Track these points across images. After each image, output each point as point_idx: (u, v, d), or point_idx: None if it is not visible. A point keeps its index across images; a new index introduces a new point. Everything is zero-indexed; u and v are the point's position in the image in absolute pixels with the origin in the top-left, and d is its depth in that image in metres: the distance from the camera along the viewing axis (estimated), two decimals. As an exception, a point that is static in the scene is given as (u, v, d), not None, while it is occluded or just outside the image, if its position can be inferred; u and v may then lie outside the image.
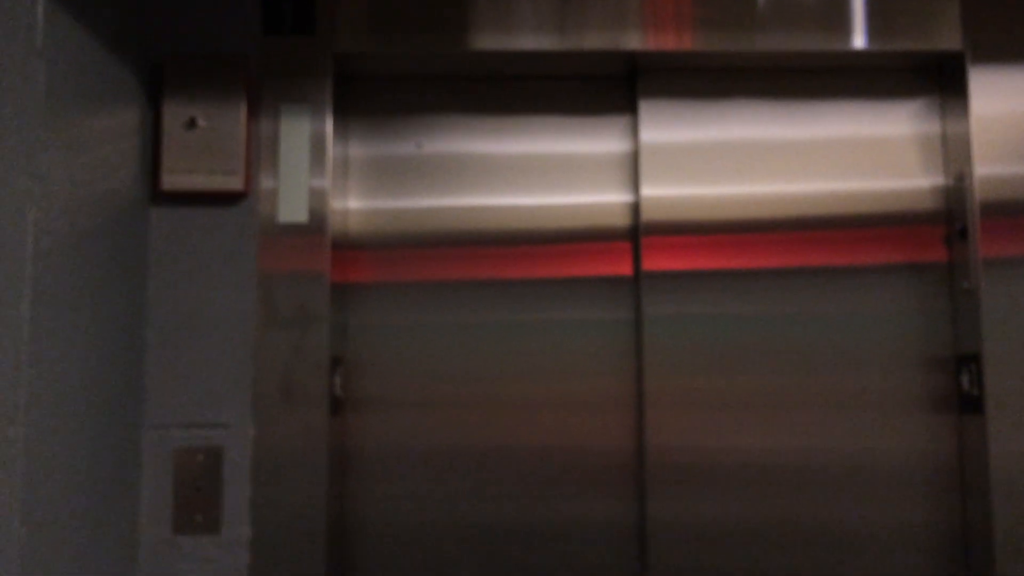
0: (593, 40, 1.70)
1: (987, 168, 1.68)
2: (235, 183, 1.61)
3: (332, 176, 1.66)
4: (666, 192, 1.76)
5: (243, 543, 1.56)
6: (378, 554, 1.71)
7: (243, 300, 1.62)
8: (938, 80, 1.80)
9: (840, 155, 1.78)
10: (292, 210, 1.64)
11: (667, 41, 1.70)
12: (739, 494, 1.71)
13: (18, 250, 1.15)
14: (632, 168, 1.79)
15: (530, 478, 1.72)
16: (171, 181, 1.60)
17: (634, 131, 1.79)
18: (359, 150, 1.79)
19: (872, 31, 1.71)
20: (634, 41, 1.70)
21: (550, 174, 1.79)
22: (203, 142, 1.60)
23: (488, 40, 1.70)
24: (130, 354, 1.53)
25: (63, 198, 1.27)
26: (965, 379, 1.70)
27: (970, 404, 1.69)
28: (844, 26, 1.71)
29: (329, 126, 1.66)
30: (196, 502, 1.56)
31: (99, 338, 1.39)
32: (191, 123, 1.60)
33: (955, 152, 1.74)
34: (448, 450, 1.73)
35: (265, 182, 1.64)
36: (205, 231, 1.63)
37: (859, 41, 1.71)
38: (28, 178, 1.17)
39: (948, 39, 1.70)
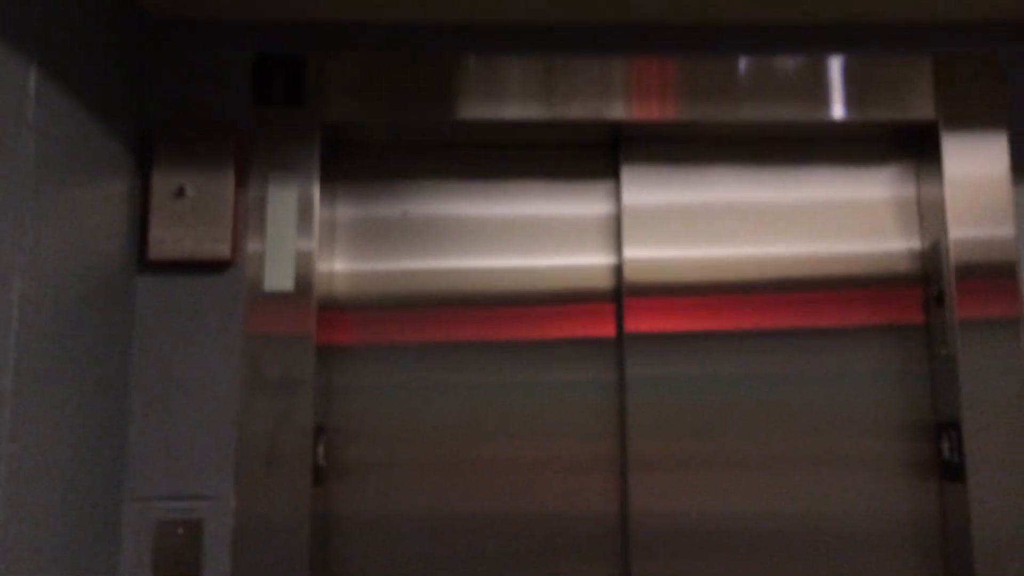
0: (578, 110, 1.73)
1: (961, 231, 1.71)
2: (222, 251, 1.61)
3: (319, 239, 1.67)
4: (648, 254, 1.78)
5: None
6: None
7: (228, 368, 1.61)
8: (913, 147, 1.84)
9: (819, 219, 1.81)
10: (279, 278, 1.64)
11: (650, 111, 1.73)
12: (722, 557, 1.70)
13: (2, 322, 1.14)
14: (615, 231, 1.81)
15: (514, 541, 1.71)
16: (159, 250, 1.60)
17: (617, 195, 1.81)
18: (346, 213, 1.80)
19: (849, 102, 1.75)
20: (618, 111, 1.73)
21: (535, 237, 1.80)
22: (191, 210, 1.61)
23: (475, 109, 1.72)
24: (113, 424, 1.51)
25: (50, 269, 1.27)
26: (946, 446, 1.72)
27: (951, 471, 1.70)
28: (823, 97, 1.75)
29: (316, 191, 1.67)
30: (176, 575, 1.54)
31: (82, 409, 1.38)
32: (180, 192, 1.60)
33: (930, 216, 1.78)
34: (432, 515, 1.71)
35: (253, 247, 1.65)
36: (192, 299, 1.63)
37: (837, 111, 1.75)
38: (15, 250, 1.17)
39: (922, 109, 1.75)
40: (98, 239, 1.44)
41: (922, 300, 1.79)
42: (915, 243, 1.81)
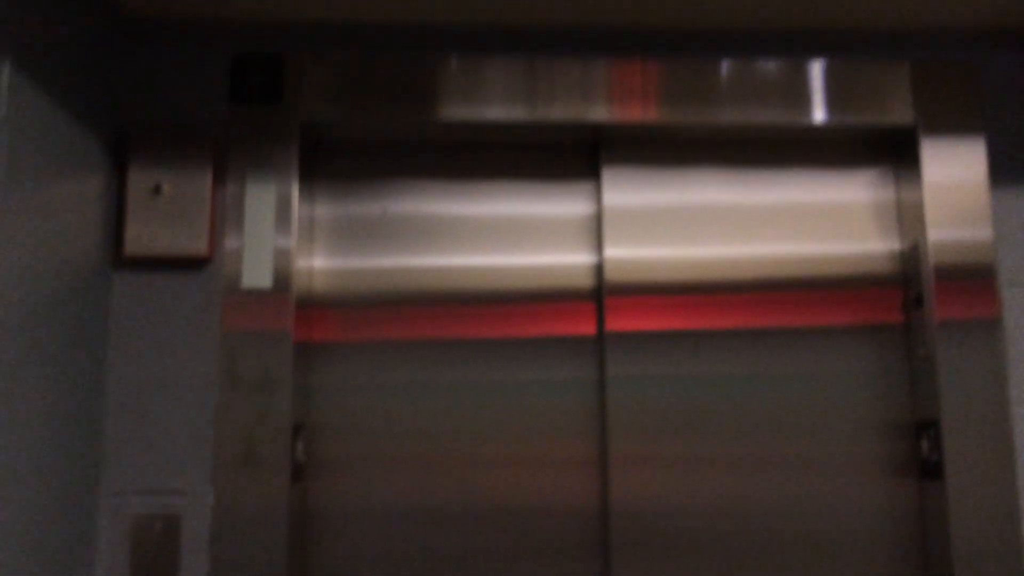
0: (559, 112, 1.73)
1: (940, 234, 1.72)
2: (199, 248, 1.60)
3: (297, 237, 1.66)
4: (629, 254, 1.78)
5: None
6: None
7: (205, 364, 1.60)
8: (892, 151, 1.86)
9: (799, 221, 1.82)
10: (256, 274, 1.63)
11: (631, 113, 1.74)
12: (703, 556, 1.70)
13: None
14: (596, 231, 1.81)
15: (495, 538, 1.71)
16: (135, 247, 1.59)
17: (597, 195, 1.82)
18: (325, 211, 1.79)
19: (829, 106, 1.76)
20: (599, 113, 1.73)
21: (515, 236, 1.80)
22: (168, 208, 1.60)
23: (456, 110, 1.72)
24: (88, 420, 1.50)
25: (22, 266, 1.26)
26: (925, 444, 1.73)
27: (930, 469, 1.71)
28: (803, 101, 1.76)
29: (295, 189, 1.66)
30: (153, 571, 1.52)
31: (58, 404, 1.37)
32: (156, 189, 1.59)
33: (909, 218, 1.79)
34: (411, 512, 1.71)
35: (230, 245, 1.64)
36: (168, 296, 1.62)
37: (818, 115, 1.76)
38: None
39: (901, 113, 1.76)
40: (72, 235, 1.43)
41: (901, 301, 1.80)
42: (894, 245, 1.82)
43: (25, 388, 1.26)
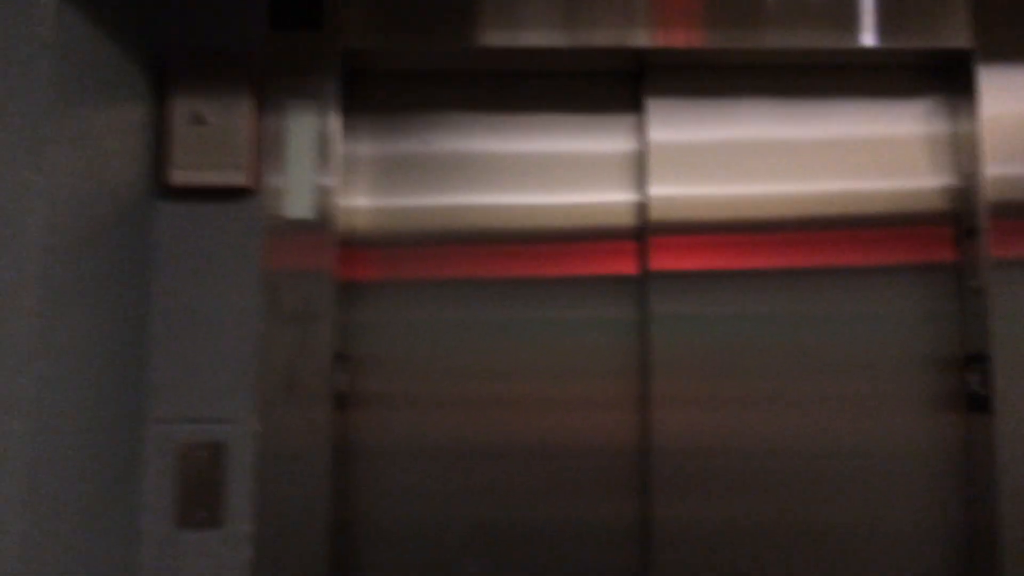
0: (601, 37, 1.70)
1: (996, 168, 1.67)
2: (241, 178, 1.61)
3: (338, 174, 1.66)
4: (673, 192, 1.75)
5: (246, 538, 1.56)
6: (381, 550, 1.71)
7: (248, 295, 1.62)
8: (947, 79, 1.79)
9: (848, 155, 1.77)
10: (299, 206, 1.64)
11: (675, 38, 1.70)
12: (745, 494, 1.70)
13: (24, 244, 1.15)
14: (639, 167, 1.78)
15: (535, 476, 1.72)
16: (178, 176, 1.60)
17: (641, 130, 1.78)
18: (366, 148, 1.78)
19: (881, 28, 1.70)
20: (642, 38, 1.69)
21: (557, 173, 1.78)
22: (210, 137, 1.60)
23: (496, 36, 1.70)
24: (135, 348, 1.53)
25: (69, 192, 1.27)
26: (973, 378, 1.69)
27: (977, 403, 1.68)
28: (853, 23, 1.70)
29: (336, 123, 1.66)
30: (199, 497, 1.56)
31: (104, 331, 1.39)
32: (198, 119, 1.60)
33: (964, 152, 1.73)
34: (451, 447, 1.72)
35: (271, 178, 1.64)
36: (211, 226, 1.63)
37: (868, 38, 1.70)
38: (34, 172, 1.17)
39: (957, 37, 1.70)
40: (117, 163, 1.44)
41: (952, 237, 1.75)
42: (948, 180, 1.76)
43: (73, 315, 1.29)
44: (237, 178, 1.60)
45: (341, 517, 1.68)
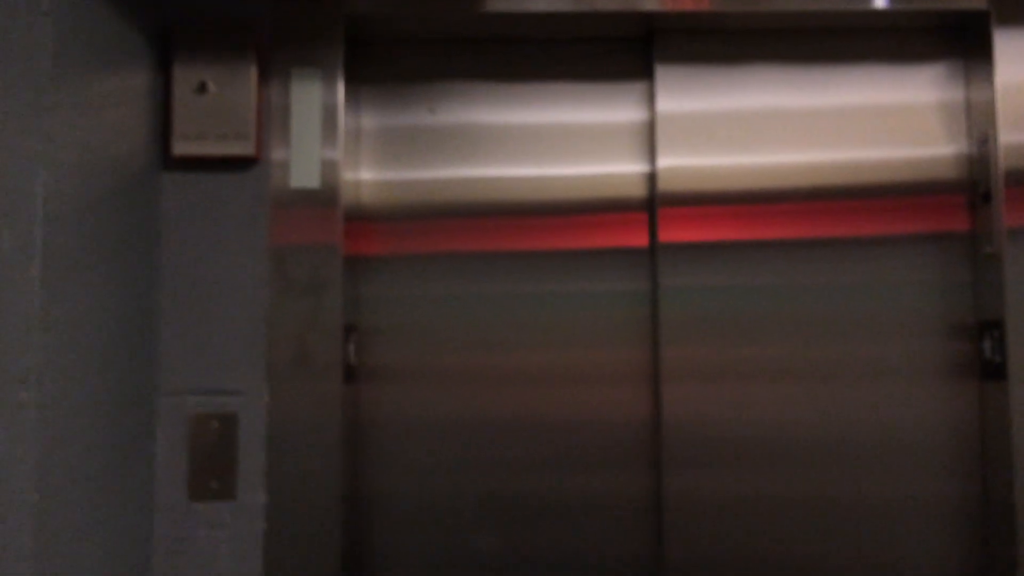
0: (608, 1, 1.67)
1: (1012, 135, 1.64)
2: (246, 148, 1.59)
3: (344, 146, 1.64)
4: (683, 162, 1.73)
5: (258, 510, 1.56)
6: (392, 522, 1.71)
7: (255, 266, 1.60)
8: (962, 42, 1.76)
9: (861, 122, 1.75)
10: (304, 176, 1.62)
11: (685, 1, 1.67)
12: (756, 466, 1.69)
13: (28, 213, 1.14)
14: (648, 137, 1.76)
15: (545, 450, 1.71)
16: (182, 146, 1.58)
17: (650, 98, 1.76)
18: (371, 120, 1.77)
19: (894, -10, 1.67)
20: (651, 1, 1.67)
21: (564, 143, 1.76)
22: (214, 107, 1.59)
23: (501, 1, 1.67)
24: (144, 320, 1.52)
25: (73, 161, 1.26)
26: (987, 346, 1.68)
27: (992, 371, 1.66)
28: (865, -15, 1.67)
29: (340, 92, 1.64)
30: (211, 469, 1.56)
31: (112, 303, 1.38)
32: (201, 88, 1.58)
33: (979, 118, 1.71)
34: (461, 420, 1.72)
35: (276, 148, 1.63)
36: (217, 197, 1.61)
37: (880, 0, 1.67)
38: (37, 139, 1.16)
39: (972, -2, 1.67)
40: (120, 133, 1.43)
41: (966, 204, 1.73)
42: (962, 148, 1.74)
43: (79, 286, 1.28)
44: (242, 148, 1.59)
45: (352, 488, 1.69)
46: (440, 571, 1.70)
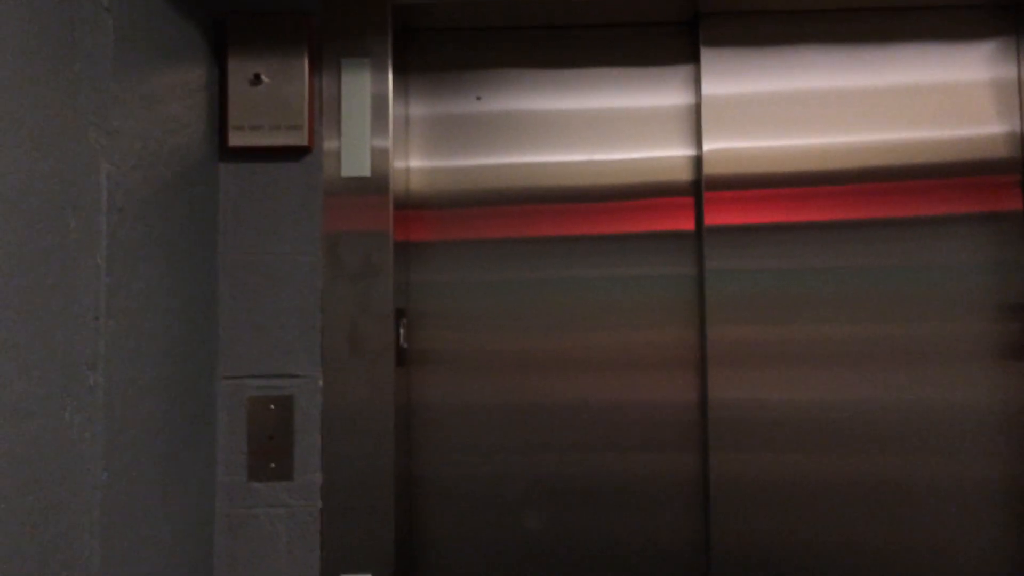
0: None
1: (1066, 112, 1.61)
2: (299, 138, 1.62)
3: (393, 134, 1.66)
4: (729, 145, 1.73)
5: (315, 489, 1.60)
6: (442, 502, 1.74)
7: (310, 253, 1.64)
8: (1014, 19, 1.73)
9: (911, 102, 1.72)
10: (355, 164, 1.65)
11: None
12: (805, 448, 1.69)
13: (93, 203, 1.18)
14: (694, 121, 1.76)
15: (593, 431, 1.73)
16: (238, 137, 1.62)
17: (696, 82, 1.76)
18: (419, 108, 1.79)
19: (946, -33, 1.65)
20: (696, -19, 1.67)
21: (611, 129, 1.77)
22: (267, 98, 1.62)
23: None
24: (204, 306, 1.56)
25: (135, 153, 1.29)
26: (1044, 327, 1.65)
27: (1049, 352, 1.64)
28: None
29: (390, 82, 1.66)
30: (269, 450, 1.60)
31: (173, 290, 1.42)
32: (256, 79, 1.61)
33: (1033, 96, 1.68)
34: (509, 403, 1.74)
35: (328, 138, 1.65)
36: (272, 186, 1.65)
37: (931, -24, 1.65)
38: (100, 132, 1.20)
39: (1026, -27, 1.64)
40: (180, 125, 1.46)
41: (1020, 183, 1.70)
42: (1015, 126, 1.71)
43: (144, 274, 1.32)
44: (295, 138, 1.62)
45: (406, 469, 1.72)
46: (489, 549, 1.73)
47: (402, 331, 1.71)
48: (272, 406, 1.60)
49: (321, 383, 1.62)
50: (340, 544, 1.60)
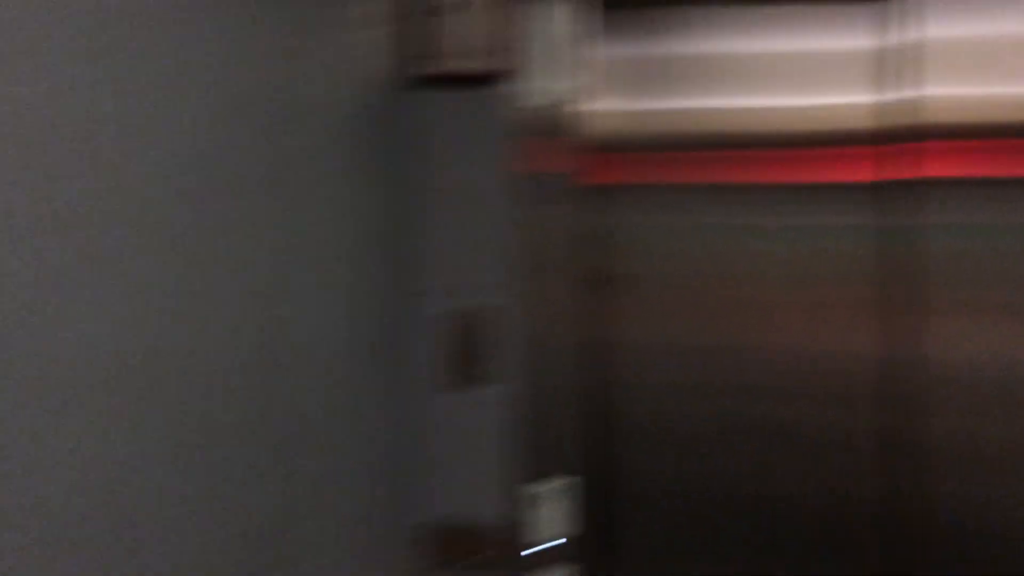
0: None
1: None
2: (489, 66, 1.63)
3: (584, 72, 1.63)
4: (950, 91, 1.59)
5: (507, 400, 1.64)
6: (623, 433, 1.71)
7: (496, 178, 1.65)
8: None
9: None
10: (544, 96, 1.63)
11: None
12: (1004, 409, 1.57)
13: (294, 122, 1.20)
14: (906, 62, 1.62)
15: (778, 378, 1.66)
16: (426, 65, 1.64)
17: (903, 19, 1.61)
18: (611, 48, 1.74)
19: None
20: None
21: (815, 70, 1.66)
22: (466, 27, 1.63)
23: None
24: (400, 225, 1.62)
25: (322, 84, 1.33)
26: None
27: None
28: None
29: (584, 18, 1.64)
30: (459, 363, 1.65)
31: (367, 212, 1.47)
32: (455, 6, 1.62)
33: None
34: (692, 345, 1.69)
35: (523, 69, 1.65)
36: (460, 113, 1.67)
37: None
38: (289, 64, 1.21)
39: None
40: (366, 52, 1.50)
41: None
42: None
43: (341, 192, 1.36)
44: (485, 65, 1.63)
45: (588, 385, 1.71)
46: (670, 486, 1.70)
47: (585, 263, 1.70)
48: (463, 320, 1.65)
49: (510, 302, 1.64)
50: (532, 448, 1.62)
